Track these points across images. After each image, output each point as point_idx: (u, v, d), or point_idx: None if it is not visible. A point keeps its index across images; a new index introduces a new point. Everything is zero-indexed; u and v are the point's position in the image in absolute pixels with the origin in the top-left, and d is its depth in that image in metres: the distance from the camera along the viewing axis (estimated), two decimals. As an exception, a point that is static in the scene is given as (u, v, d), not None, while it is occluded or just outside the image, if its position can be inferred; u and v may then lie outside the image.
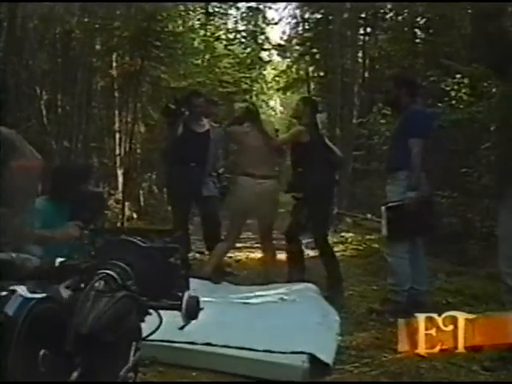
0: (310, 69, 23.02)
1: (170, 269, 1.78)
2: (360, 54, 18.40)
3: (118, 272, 1.63)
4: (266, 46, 25.95)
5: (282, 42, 25.10)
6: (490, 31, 3.33)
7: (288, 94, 29.06)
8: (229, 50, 21.93)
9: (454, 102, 8.32)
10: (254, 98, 28.40)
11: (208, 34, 20.04)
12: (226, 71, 19.17)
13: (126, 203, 12.18)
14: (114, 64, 13.54)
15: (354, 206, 12.60)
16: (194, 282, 2.43)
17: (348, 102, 15.60)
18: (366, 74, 18.71)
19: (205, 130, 6.30)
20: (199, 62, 17.46)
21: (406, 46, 13.59)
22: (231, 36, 23.89)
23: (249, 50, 25.00)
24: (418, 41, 14.16)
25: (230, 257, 7.87)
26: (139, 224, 11.71)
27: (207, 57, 18.85)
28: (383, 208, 4.73)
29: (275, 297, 4.88)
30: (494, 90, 7.46)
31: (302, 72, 24.17)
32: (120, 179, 13.04)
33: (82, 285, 1.44)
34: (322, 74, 21.73)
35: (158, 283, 1.77)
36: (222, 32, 22.28)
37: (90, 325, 1.33)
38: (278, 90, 27.49)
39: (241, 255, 8.23)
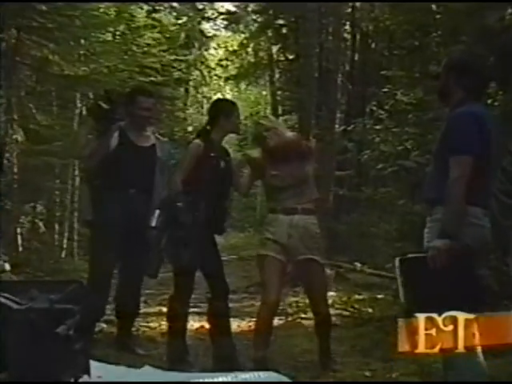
0: (274, 49, 23.29)
1: (59, 342, 1.75)
2: (347, 28, 18.68)
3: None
4: (210, 13, 26.10)
5: (233, 9, 25.28)
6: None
7: (242, 85, 29.24)
8: (153, 19, 22.02)
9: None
10: (192, 91, 28.60)
11: (122, -6, 20.12)
12: (150, 51, 19.24)
13: (-5, 248, 12.03)
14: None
15: (337, 251, 12.69)
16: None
17: (328, 100, 15.71)
18: (356, 58, 19.02)
19: (150, 145, 6.41)
20: (108, 37, 17.51)
21: (413, 16, 13.87)
22: (157, -2, 24.02)
23: (184, 19, 25.14)
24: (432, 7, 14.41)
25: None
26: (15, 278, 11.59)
27: (121, 29, 18.92)
28: (397, 261, 4.65)
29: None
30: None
31: (262, 53, 24.45)
32: (-14, 211, 12.91)
33: None
34: (290, 56, 22.01)
35: (38, 364, 1.74)
36: (143, -8, 22.40)
37: None
38: (227, 79, 27.66)
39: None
